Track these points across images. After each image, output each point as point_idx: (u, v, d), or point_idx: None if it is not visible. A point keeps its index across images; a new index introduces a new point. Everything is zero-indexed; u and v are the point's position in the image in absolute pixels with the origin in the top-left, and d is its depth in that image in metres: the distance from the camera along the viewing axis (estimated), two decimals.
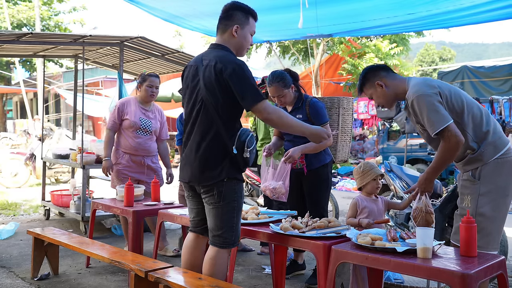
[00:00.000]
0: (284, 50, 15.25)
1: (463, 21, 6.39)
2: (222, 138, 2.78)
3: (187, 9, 6.25)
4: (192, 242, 3.05)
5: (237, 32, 2.84)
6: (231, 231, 2.84)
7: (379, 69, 3.10)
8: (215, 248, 2.85)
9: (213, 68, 2.73)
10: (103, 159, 4.86)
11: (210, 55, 2.81)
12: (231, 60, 2.74)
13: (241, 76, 2.69)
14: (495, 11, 5.61)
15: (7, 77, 26.69)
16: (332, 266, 2.70)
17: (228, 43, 2.85)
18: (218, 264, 2.84)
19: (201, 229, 3.03)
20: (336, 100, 4.15)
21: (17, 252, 4.96)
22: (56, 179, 10.54)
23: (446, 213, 4.43)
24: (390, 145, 10.89)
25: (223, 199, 2.80)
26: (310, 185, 4.00)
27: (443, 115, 2.73)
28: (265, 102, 2.71)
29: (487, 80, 11.67)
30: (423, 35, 15.88)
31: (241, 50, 2.90)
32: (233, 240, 2.87)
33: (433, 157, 2.90)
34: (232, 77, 2.68)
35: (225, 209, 2.82)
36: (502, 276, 2.49)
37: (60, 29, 23.67)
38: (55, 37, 6.33)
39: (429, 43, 45.63)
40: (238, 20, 2.84)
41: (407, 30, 10.58)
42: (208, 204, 2.86)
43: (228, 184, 2.80)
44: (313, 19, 5.94)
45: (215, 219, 2.84)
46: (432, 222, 3.00)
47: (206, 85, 2.76)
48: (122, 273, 4.21)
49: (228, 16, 2.86)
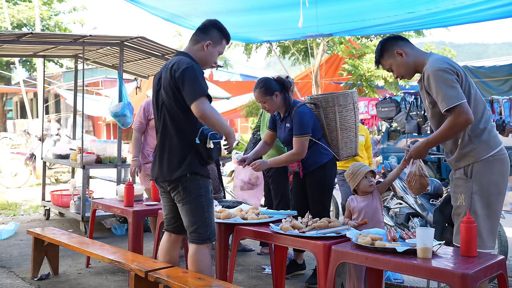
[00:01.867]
0: (284, 50, 15.23)
1: (463, 20, 6.39)
2: (183, 135, 2.93)
3: (188, 8, 6.25)
4: (166, 242, 3.19)
5: (208, 47, 3.03)
6: (204, 226, 2.95)
7: (397, 38, 3.03)
8: (193, 244, 2.97)
9: (170, 70, 2.92)
10: (131, 159, 4.94)
11: (172, 61, 2.99)
12: (185, 62, 2.90)
13: (188, 75, 2.84)
14: (495, 9, 5.61)
15: (7, 77, 26.69)
16: (332, 266, 2.70)
17: (194, 53, 3.03)
18: (200, 260, 2.95)
19: (173, 227, 3.15)
20: (330, 99, 4.03)
21: (17, 252, 4.96)
22: (56, 179, 10.54)
23: (446, 213, 4.43)
24: (390, 145, 10.88)
25: (189, 195, 2.93)
26: (310, 186, 4.01)
27: (459, 92, 2.71)
28: (202, 101, 2.80)
29: (487, 80, 11.65)
30: (423, 35, 15.85)
31: (205, 64, 3.07)
32: (208, 235, 2.97)
33: (433, 157, 2.92)
34: (180, 76, 2.85)
35: (193, 205, 2.94)
36: (502, 276, 2.49)
37: (60, 29, 23.67)
38: (55, 37, 6.33)
39: (429, 43, 45.58)
40: (213, 38, 3.04)
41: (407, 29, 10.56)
42: (178, 202, 3.00)
43: (192, 179, 2.93)
44: (313, 18, 5.94)
45: (187, 216, 2.97)
46: (427, 185, 3.01)
47: (164, 87, 2.96)
48: (122, 273, 4.21)
49: (205, 30, 3.05)
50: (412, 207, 4.67)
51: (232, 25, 7.23)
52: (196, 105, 2.80)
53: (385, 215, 4.79)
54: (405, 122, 8.41)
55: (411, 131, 8.43)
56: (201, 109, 2.79)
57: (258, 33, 8.02)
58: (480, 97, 2.92)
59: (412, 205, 4.67)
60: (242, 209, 3.66)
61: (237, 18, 6.72)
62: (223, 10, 6.27)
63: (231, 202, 4.22)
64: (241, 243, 4.97)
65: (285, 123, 3.95)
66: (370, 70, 13.05)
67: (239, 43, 16.26)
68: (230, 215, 3.47)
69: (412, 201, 4.67)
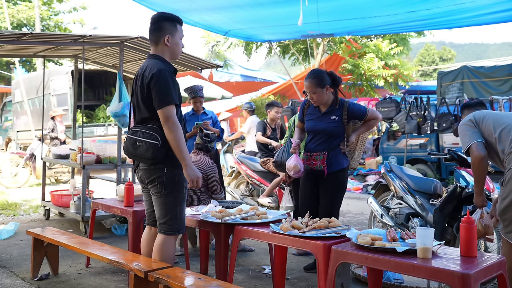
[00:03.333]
0: (284, 50, 15.24)
1: (464, 23, 6.40)
2: (159, 132, 3.03)
3: (189, 4, 6.26)
4: (147, 235, 3.37)
5: (169, 41, 3.16)
6: (175, 219, 3.12)
7: None
8: (162, 235, 3.14)
9: (142, 75, 3.10)
10: None
11: (145, 64, 3.16)
12: (155, 67, 3.05)
13: (157, 80, 3.00)
14: (496, 14, 5.62)
15: (7, 77, 26.68)
16: (332, 266, 2.70)
17: (162, 52, 3.18)
18: (166, 249, 3.13)
19: (153, 221, 3.30)
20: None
21: (17, 252, 4.96)
22: (56, 179, 10.54)
23: (446, 213, 4.43)
24: (390, 145, 10.88)
25: (165, 189, 3.08)
26: (326, 187, 4.09)
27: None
28: (168, 109, 2.97)
29: (487, 80, 11.66)
30: (423, 35, 15.89)
31: (175, 54, 3.22)
32: (178, 228, 3.15)
33: (433, 158, 2.98)
34: (151, 81, 3.01)
35: (168, 199, 3.10)
36: (502, 276, 2.49)
37: (60, 29, 23.66)
38: (55, 37, 6.33)
39: (429, 43, 45.61)
40: (168, 30, 3.16)
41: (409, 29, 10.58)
42: (153, 194, 3.16)
43: (168, 174, 3.08)
44: (314, 15, 5.95)
45: (160, 208, 3.13)
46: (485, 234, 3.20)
47: (140, 89, 3.11)
48: (122, 273, 4.21)
49: (158, 27, 3.17)
50: (412, 207, 4.67)
51: (233, 21, 7.25)
52: (162, 112, 2.98)
53: (385, 215, 4.79)
54: (405, 122, 8.41)
55: (411, 131, 8.43)
56: (165, 118, 2.97)
57: (259, 30, 8.03)
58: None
59: (412, 205, 4.66)
60: (242, 209, 3.66)
61: (239, 14, 6.73)
62: (225, 5, 6.28)
63: (231, 202, 4.22)
64: (241, 243, 4.97)
65: (331, 115, 4.09)
66: (370, 70, 13.04)
67: (239, 43, 16.25)
68: (230, 215, 3.47)
69: (412, 201, 4.67)
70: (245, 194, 6.83)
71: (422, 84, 18.86)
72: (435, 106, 9.06)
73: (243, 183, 7.08)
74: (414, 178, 4.85)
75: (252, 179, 6.56)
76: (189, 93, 5.93)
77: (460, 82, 11.99)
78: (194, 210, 3.94)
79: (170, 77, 3.05)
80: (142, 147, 3.03)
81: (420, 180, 4.86)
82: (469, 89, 11.62)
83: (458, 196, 4.36)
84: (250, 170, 6.57)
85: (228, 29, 7.76)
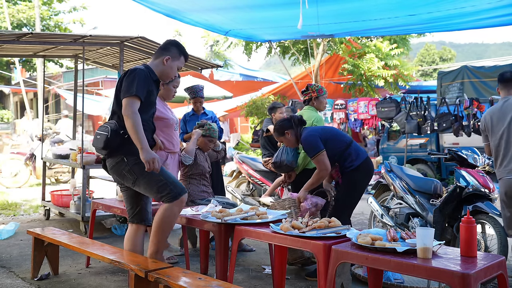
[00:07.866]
0: (284, 50, 15.21)
1: (465, 26, 6.39)
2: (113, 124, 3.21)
3: (189, 4, 6.24)
4: (128, 232, 3.51)
5: (167, 62, 3.38)
6: (166, 186, 3.24)
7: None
8: (167, 204, 3.28)
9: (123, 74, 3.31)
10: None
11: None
12: (136, 67, 3.24)
13: (130, 75, 3.18)
14: (497, 18, 5.61)
15: (7, 77, 26.68)
16: (332, 266, 2.70)
17: (155, 67, 3.37)
18: (166, 215, 3.28)
19: (132, 218, 3.47)
20: None
21: (17, 252, 4.96)
22: (56, 179, 10.54)
23: (446, 213, 4.43)
24: (390, 145, 10.87)
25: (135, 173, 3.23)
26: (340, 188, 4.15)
27: None
28: (129, 99, 3.11)
29: (487, 80, 11.64)
30: (423, 35, 15.86)
31: (165, 77, 3.42)
32: (177, 191, 3.27)
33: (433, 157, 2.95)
34: (125, 75, 3.22)
35: (145, 178, 3.22)
36: (502, 276, 2.49)
37: (60, 29, 23.64)
38: (55, 37, 6.33)
39: (429, 43, 45.58)
40: (172, 53, 3.40)
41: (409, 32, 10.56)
42: (132, 186, 3.32)
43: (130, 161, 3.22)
44: (314, 17, 5.94)
45: (147, 190, 3.29)
46: None
47: (118, 87, 3.30)
48: (122, 273, 4.21)
49: (165, 48, 3.42)
50: (412, 207, 4.67)
51: (234, 21, 7.25)
52: (124, 101, 3.12)
53: (385, 215, 4.79)
54: (405, 122, 8.40)
55: (411, 131, 8.42)
56: (125, 106, 3.10)
57: (259, 30, 8.02)
58: None
59: (412, 205, 4.66)
60: (242, 209, 3.66)
61: (239, 15, 6.72)
62: (225, 6, 6.27)
63: (231, 202, 4.22)
64: (241, 242, 4.96)
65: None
66: (370, 70, 13.04)
67: (239, 43, 16.24)
68: (230, 215, 3.47)
69: (412, 201, 4.67)
70: (246, 193, 6.83)
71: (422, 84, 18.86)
72: (435, 106, 9.05)
73: (244, 183, 7.08)
74: (414, 178, 4.85)
75: (254, 179, 6.56)
76: (189, 93, 5.93)
77: (460, 82, 11.98)
78: (194, 210, 3.95)
79: (144, 76, 3.19)
80: (97, 139, 3.24)
81: (420, 180, 4.86)
82: (469, 89, 11.60)
83: (458, 196, 4.36)
84: (251, 169, 6.56)
85: (228, 29, 7.76)
